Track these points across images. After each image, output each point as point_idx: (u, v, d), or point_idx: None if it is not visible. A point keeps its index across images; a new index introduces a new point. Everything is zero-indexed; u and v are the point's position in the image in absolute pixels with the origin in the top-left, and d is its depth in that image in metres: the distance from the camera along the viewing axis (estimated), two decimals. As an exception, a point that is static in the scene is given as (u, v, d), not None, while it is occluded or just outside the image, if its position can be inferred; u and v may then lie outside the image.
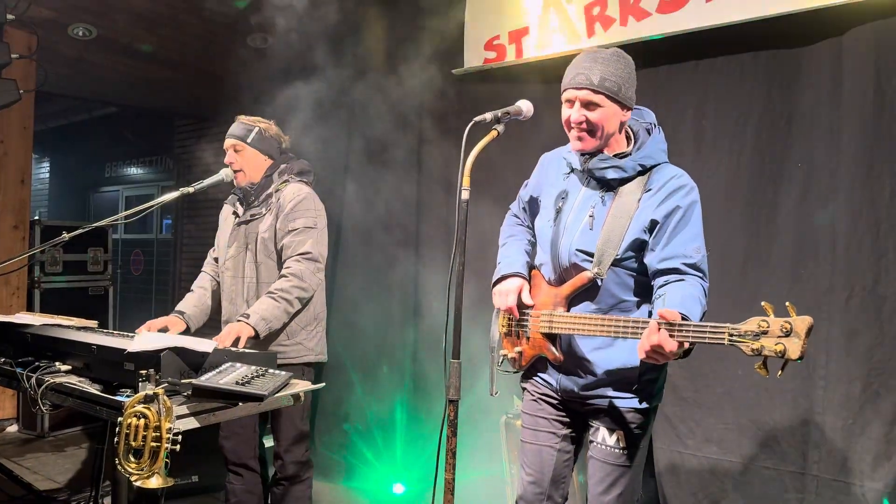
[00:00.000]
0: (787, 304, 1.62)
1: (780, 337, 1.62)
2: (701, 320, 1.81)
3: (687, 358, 3.14)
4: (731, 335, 1.67)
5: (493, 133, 2.01)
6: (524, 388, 2.31)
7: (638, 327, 1.83)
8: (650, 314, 2.01)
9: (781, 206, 3.05)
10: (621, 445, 2.05)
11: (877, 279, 2.81)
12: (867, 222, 2.84)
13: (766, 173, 3.09)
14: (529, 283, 2.20)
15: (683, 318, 1.74)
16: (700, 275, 1.93)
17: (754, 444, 3.06)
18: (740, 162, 3.15)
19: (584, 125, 1.99)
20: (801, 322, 1.61)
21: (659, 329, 1.72)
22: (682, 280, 1.90)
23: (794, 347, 1.60)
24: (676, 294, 1.85)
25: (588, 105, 1.98)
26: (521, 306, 2.15)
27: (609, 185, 2.05)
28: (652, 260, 1.97)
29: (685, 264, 1.92)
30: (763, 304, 1.65)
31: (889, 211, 2.80)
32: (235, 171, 2.93)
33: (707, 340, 1.70)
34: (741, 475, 3.08)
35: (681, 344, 1.73)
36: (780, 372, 1.65)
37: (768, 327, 1.63)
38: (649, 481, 3.24)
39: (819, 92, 2.97)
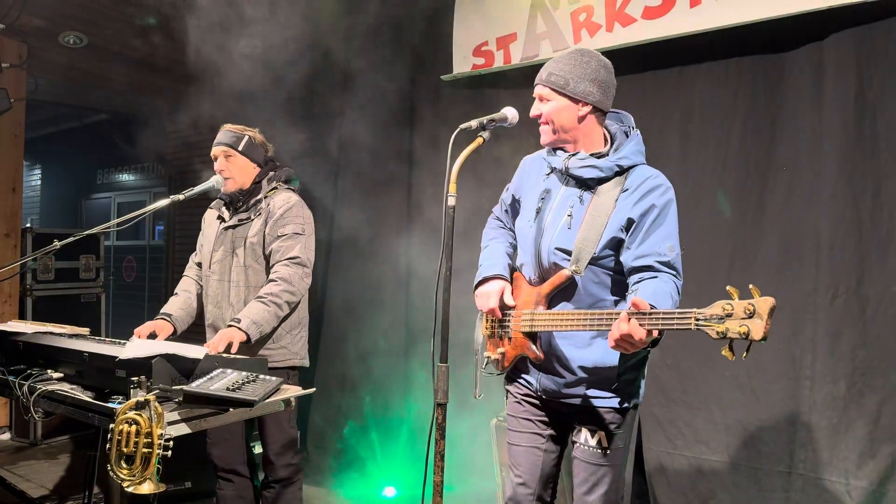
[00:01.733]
0: (750, 286, 1.63)
1: (743, 319, 1.63)
2: None
3: (676, 359, 3.22)
4: (698, 319, 1.69)
5: (479, 140, 2.05)
6: (508, 391, 2.34)
7: (612, 319, 1.85)
8: None
9: (766, 208, 3.09)
10: (603, 445, 2.08)
11: (860, 280, 2.85)
12: (850, 223, 2.88)
13: (750, 175, 3.13)
14: (511, 284, 2.23)
15: (652, 308, 1.77)
16: (673, 273, 1.96)
17: (741, 443, 3.09)
18: (725, 164, 3.19)
19: (540, 118, 2.12)
20: (764, 303, 1.62)
21: (629, 319, 1.75)
22: (656, 277, 1.94)
23: (757, 328, 1.61)
24: (648, 289, 1.89)
25: (541, 99, 2.11)
26: (504, 307, 2.18)
27: (587, 185, 2.09)
28: (627, 258, 2.01)
29: (659, 262, 1.95)
30: (728, 287, 1.66)
31: (871, 212, 2.84)
32: (225, 178, 2.94)
33: (675, 327, 1.72)
34: (729, 474, 3.11)
35: (649, 332, 1.75)
36: (745, 353, 1.66)
37: (732, 310, 1.65)
38: (639, 481, 3.27)
39: (802, 95, 3.01)
